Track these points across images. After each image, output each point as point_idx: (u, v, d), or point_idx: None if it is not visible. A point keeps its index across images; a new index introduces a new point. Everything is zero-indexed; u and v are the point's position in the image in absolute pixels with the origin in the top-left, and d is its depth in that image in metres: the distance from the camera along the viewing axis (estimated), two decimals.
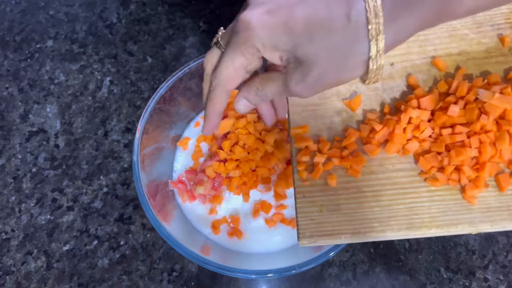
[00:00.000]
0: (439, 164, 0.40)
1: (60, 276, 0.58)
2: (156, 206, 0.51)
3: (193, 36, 0.75)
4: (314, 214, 0.41)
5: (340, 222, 0.40)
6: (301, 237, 0.40)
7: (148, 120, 0.54)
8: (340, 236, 0.40)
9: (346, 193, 0.41)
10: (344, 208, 0.41)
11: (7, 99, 0.70)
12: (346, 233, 0.40)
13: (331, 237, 0.40)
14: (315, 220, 0.41)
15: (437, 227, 0.39)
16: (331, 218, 0.40)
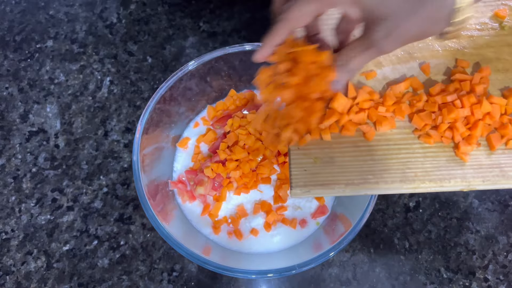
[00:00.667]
0: (433, 123, 0.42)
1: (60, 276, 0.58)
2: (156, 206, 0.51)
3: (193, 36, 0.75)
4: (308, 165, 0.42)
5: (333, 173, 0.41)
6: (293, 186, 0.41)
7: (148, 120, 0.54)
8: (334, 187, 0.41)
9: (340, 147, 0.43)
10: (338, 161, 0.42)
11: (7, 99, 0.70)
12: (340, 184, 0.41)
13: (324, 187, 0.41)
14: (309, 171, 0.42)
15: (430, 181, 0.41)
16: (325, 169, 0.42)
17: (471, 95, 0.42)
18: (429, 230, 0.60)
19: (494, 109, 0.42)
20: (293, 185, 0.41)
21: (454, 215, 0.61)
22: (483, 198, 0.62)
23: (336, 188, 0.41)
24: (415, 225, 0.61)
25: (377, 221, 0.61)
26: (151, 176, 0.54)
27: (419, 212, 0.62)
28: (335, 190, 0.41)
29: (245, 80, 0.64)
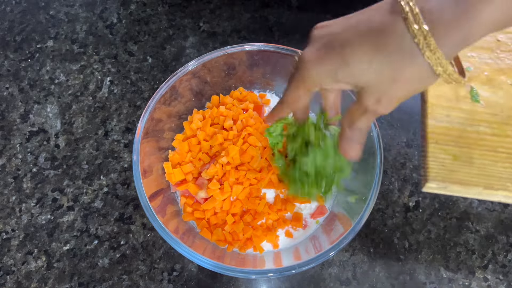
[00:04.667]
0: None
1: (61, 275, 0.58)
2: (156, 206, 0.51)
3: (193, 36, 0.75)
4: (447, 161, 0.43)
5: (472, 174, 0.42)
6: (431, 179, 0.42)
7: (148, 120, 0.54)
8: (472, 187, 0.42)
9: (480, 149, 0.43)
10: (477, 163, 0.43)
11: (7, 99, 0.70)
12: (479, 186, 0.42)
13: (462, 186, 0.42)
14: (447, 167, 0.43)
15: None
16: (463, 168, 0.43)
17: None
18: (428, 229, 0.61)
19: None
20: (430, 178, 0.42)
21: (453, 215, 0.62)
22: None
23: (474, 189, 0.42)
24: (414, 225, 0.61)
25: (376, 221, 0.61)
26: (151, 176, 0.54)
27: (419, 211, 0.62)
28: (473, 191, 0.42)
29: (245, 80, 0.64)
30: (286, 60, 0.59)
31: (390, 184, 0.63)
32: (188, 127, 0.59)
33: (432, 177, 0.43)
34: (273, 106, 0.60)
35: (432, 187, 0.43)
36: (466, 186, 0.42)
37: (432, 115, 0.46)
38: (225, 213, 0.55)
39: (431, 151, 0.44)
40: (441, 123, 0.46)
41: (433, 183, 0.42)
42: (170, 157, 0.57)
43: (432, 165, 0.43)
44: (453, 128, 0.45)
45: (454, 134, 0.45)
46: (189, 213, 0.56)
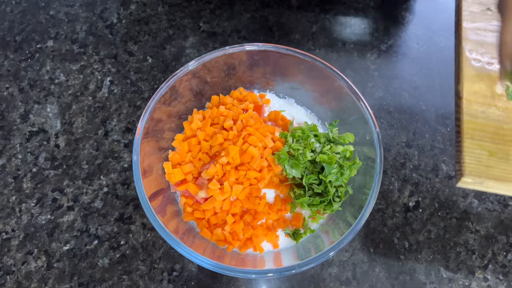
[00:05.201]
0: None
1: (61, 275, 0.58)
2: (156, 206, 0.51)
3: (193, 36, 0.75)
4: (483, 156, 0.43)
5: (508, 171, 0.42)
6: (467, 174, 0.42)
7: (149, 120, 0.54)
8: (509, 184, 0.42)
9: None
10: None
11: (7, 99, 0.70)
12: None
13: (499, 182, 0.42)
14: (483, 163, 0.43)
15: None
16: (499, 165, 0.43)
17: None
18: (428, 229, 0.61)
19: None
20: (466, 173, 0.42)
21: (453, 215, 0.62)
22: (482, 198, 0.63)
23: (510, 185, 0.42)
24: (414, 225, 0.61)
25: (376, 221, 0.61)
26: (151, 176, 0.54)
27: (419, 212, 0.62)
28: (509, 187, 0.42)
29: (245, 80, 0.64)
30: (286, 60, 0.59)
31: (390, 184, 0.63)
32: (188, 127, 0.59)
33: (468, 172, 0.42)
34: None
35: (467, 182, 0.43)
36: (502, 182, 0.42)
37: (467, 111, 0.46)
38: (225, 213, 0.55)
39: (466, 146, 0.44)
40: (477, 119, 0.46)
41: (469, 177, 0.42)
42: (170, 157, 0.57)
43: (468, 160, 0.43)
44: (489, 124, 0.45)
45: (490, 131, 0.45)
46: (189, 213, 0.56)
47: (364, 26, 0.75)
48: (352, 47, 0.74)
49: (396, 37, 0.75)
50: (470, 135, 0.45)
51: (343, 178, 0.53)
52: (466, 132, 0.45)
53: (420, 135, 0.67)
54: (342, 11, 0.76)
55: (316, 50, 0.73)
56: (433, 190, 0.63)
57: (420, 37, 0.75)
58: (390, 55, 0.73)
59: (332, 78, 0.57)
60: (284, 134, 0.57)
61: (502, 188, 0.43)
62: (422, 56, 0.73)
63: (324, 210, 0.55)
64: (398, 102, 0.69)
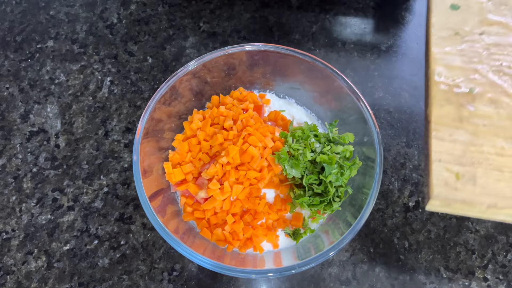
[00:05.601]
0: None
1: (61, 275, 0.58)
2: (156, 206, 0.51)
3: (193, 36, 0.75)
4: (450, 180, 0.44)
5: (476, 193, 0.43)
6: (434, 197, 0.43)
7: (149, 120, 0.54)
8: (475, 206, 0.42)
9: (483, 168, 0.44)
10: (481, 182, 0.44)
11: (7, 99, 0.70)
12: (482, 204, 0.42)
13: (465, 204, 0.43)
14: (450, 186, 0.44)
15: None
16: (466, 187, 0.44)
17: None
18: (428, 229, 0.61)
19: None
20: (433, 196, 0.43)
21: (453, 215, 0.62)
22: None
23: (477, 208, 0.42)
24: (414, 225, 0.61)
25: (376, 221, 0.61)
26: (151, 176, 0.54)
27: (419, 211, 0.62)
28: (476, 209, 0.43)
29: (245, 80, 0.64)
30: (286, 60, 0.59)
31: (390, 184, 0.63)
32: (188, 127, 0.59)
33: (436, 195, 0.43)
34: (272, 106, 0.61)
35: (435, 204, 0.44)
36: (469, 204, 0.43)
37: (435, 135, 0.47)
38: (225, 213, 0.55)
39: (434, 168, 0.45)
40: (444, 142, 0.47)
41: (436, 201, 0.43)
42: (170, 157, 0.57)
43: (436, 182, 0.44)
44: (456, 147, 0.46)
45: (457, 154, 0.46)
46: (189, 213, 0.56)
47: (364, 26, 0.75)
48: (352, 47, 0.74)
49: (396, 37, 0.75)
50: (437, 158, 0.46)
51: (343, 178, 0.53)
52: (434, 155, 0.46)
53: (420, 135, 0.67)
54: (342, 11, 0.76)
55: (316, 50, 0.73)
56: None
57: (420, 37, 0.75)
58: (390, 55, 0.73)
59: (332, 78, 0.57)
60: (284, 134, 0.57)
61: (470, 210, 0.43)
62: (422, 56, 0.73)
63: (324, 210, 0.55)
64: (398, 102, 0.69)
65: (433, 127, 0.47)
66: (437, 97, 0.49)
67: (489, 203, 0.43)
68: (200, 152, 0.57)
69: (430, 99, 0.49)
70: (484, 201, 0.43)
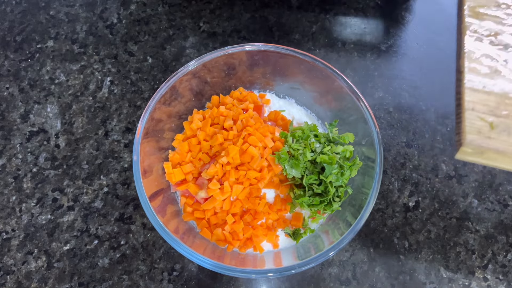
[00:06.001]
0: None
1: (61, 275, 0.58)
2: (156, 206, 0.51)
3: (193, 36, 0.75)
4: (484, 128, 0.42)
5: (510, 143, 0.41)
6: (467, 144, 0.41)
7: (149, 120, 0.54)
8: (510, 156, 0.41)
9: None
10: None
11: (7, 99, 0.70)
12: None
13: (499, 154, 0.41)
14: (484, 134, 0.42)
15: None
16: (501, 136, 0.42)
17: None
18: (428, 229, 0.61)
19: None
20: (466, 142, 0.41)
21: (453, 215, 0.62)
22: (482, 198, 0.63)
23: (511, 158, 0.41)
24: (414, 225, 0.61)
25: (376, 221, 0.61)
26: (151, 176, 0.54)
27: (419, 212, 0.62)
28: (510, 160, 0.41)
29: (245, 80, 0.64)
30: (286, 60, 0.59)
31: (390, 184, 0.63)
32: (188, 127, 0.59)
33: (468, 141, 0.41)
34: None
35: (467, 152, 0.41)
36: (503, 154, 0.41)
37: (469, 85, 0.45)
38: (225, 213, 0.55)
39: (467, 117, 0.43)
40: (479, 93, 0.45)
41: (469, 147, 0.41)
42: (170, 157, 0.58)
43: (469, 130, 0.42)
44: (490, 99, 0.44)
45: (491, 105, 0.44)
46: (189, 213, 0.56)
47: (364, 26, 0.75)
48: (352, 47, 0.74)
49: (396, 37, 0.75)
50: (471, 107, 0.44)
51: (344, 179, 0.53)
52: (467, 104, 0.44)
53: (420, 135, 0.67)
54: (342, 11, 0.76)
55: (316, 50, 0.73)
56: (433, 190, 0.63)
57: (420, 37, 0.75)
58: (390, 55, 0.73)
59: (332, 78, 0.57)
60: (284, 134, 0.57)
61: (503, 160, 0.41)
62: (422, 56, 0.73)
63: (324, 210, 0.55)
64: (398, 102, 0.69)
65: (466, 77, 0.45)
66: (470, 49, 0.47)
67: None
68: (200, 152, 0.57)
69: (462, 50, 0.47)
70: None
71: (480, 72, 0.46)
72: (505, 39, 0.48)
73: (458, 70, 0.48)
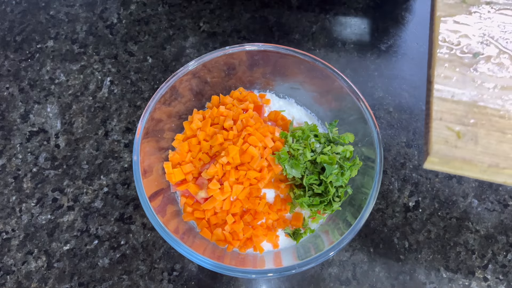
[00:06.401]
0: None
1: (61, 275, 0.58)
2: (156, 206, 0.51)
3: (193, 36, 0.75)
4: (451, 138, 0.42)
5: (477, 152, 0.41)
6: (433, 154, 0.41)
7: (149, 120, 0.54)
8: (476, 165, 0.41)
9: (485, 129, 0.43)
10: (483, 142, 0.42)
11: (7, 99, 0.70)
12: (483, 164, 0.41)
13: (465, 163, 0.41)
14: (450, 144, 0.42)
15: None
16: (467, 145, 0.42)
17: None
18: (428, 229, 0.61)
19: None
20: (432, 153, 0.41)
21: (453, 215, 0.62)
22: (482, 198, 0.63)
23: (478, 167, 0.41)
24: (414, 225, 0.61)
25: (376, 221, 0.61)
26: (151, 176, 0.54)
27: (419, 211, 0.62)
28: (476, 169, 0.41)
29: (245, 80, 0.64)
30: (286, 60, 0.59)
31: (390, 184, 0.63)
32: (188, 127, 0.59)
33: (434, 152, 0.42)
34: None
35: (434, 161, 0.42)
36: (469, 163, 0.41)
37: (438, 94, 0.45)
38: (225, 213, 0.55)
39: (435, 127, 0.43)
40: (447, 102, 0.45)
41: (435, 157, 0.41)
42: (170, 157, 0.58)
43: (435, 140, 0.42)
44: (458, 108, 0.45)
45: (459, 114, 0.44)
46: (189, 213, 0.56)
47: (364, 26, 0.75)
48: (352, 47, 0.74)
49: (396, 37, 0.75)
50: (439, 117, 0.44)
51: (344, 179, 0.53)
52: (435, 114, 0.44)
53: (420, 135, 0.67)
54: (342, 11, 0.76)
55: (316, 50, 0.73)
56: (433, 190, 0.63)
57: (420, 37, 0.75)
58: (390, 55, 0.73)
59: (332, 78, 0.57)
60: (284, 134, 0.57)
61: (470, 169, 0.42)
62: (422, 56, 0.73)
63: (324, 210, 0.55)
64: (398, 102, 0.69)
65: (435, 87, 0.45)
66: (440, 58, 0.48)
67: (490, 162, 0.41)
68: (200, 152, 0.57)
69: (433, 60, 0.48)
70: (485, 160, 0.41)
71: (449, 81, 0.46)
72: (474, 48, 0.48)
73: (428, 80, 0.48)
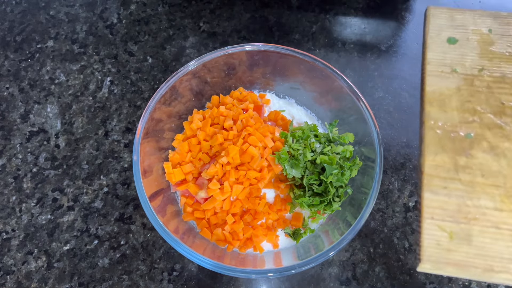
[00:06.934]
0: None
1: (61, 275, 0.58)
2: (156, 206, 0.51)
3: (193, 36, 0.75)
4: (443, 239, 0.40)
5: (470, 254, 0.39)
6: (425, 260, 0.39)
7: (149, 120, 0.54)
8: (470, 269, 0.39)
9: (480, 225, 0.41)
10: (476, 241, 0.40)
11: (7, 99, 0.70)
12: (477, 268, 0.39)
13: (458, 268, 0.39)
14: (443, 246, 0.40)
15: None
16: (460, 247, 0.40)
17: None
18: None
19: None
20: (424, 259, 0.40)
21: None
22: None
23: (472, 271, 0.39)
24: (414, 225, 0.61)
25: (376, 221, 0.61)
26: (151, 176, 0.54)
27: (419, 212, 0.62)
28: (471, 273, 0.39)
29: (245, 80, 0.64)
30: (286, 60, 0.59)
31: (390, 184, 0.63)
32: (188, 127, 0.59)
33: (426, 258, 0.40)
34: None
35: (426, 268, 0.40)
36: (463, 268, 0.40)
37: (428, 187, 0.43)
38: (225, 213, 0.55)
39: (426, 227, 0.41)
40: (439, 196, 0.43)
41: (428, 264, 0.40)
42: (170, 157, 0.58)
43: (427, 244, 0.41)
44: (450, 201, 0.43)
45: (451, 209, 0.42)
46: (189, 213, 0.56)
47: (364, 26, 0.75)
48: (352, 47, 0.74)
49: (396, 37, 0.75)
50: (430, 215, 0.42)
51: (344, 179, 0.53)
52: (426, 212, 0.42)
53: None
54: (342, 11, 0.76)
55: (316, 50, 0.73)
56: None
57: (420, 37, 0.75)
58: (390, 55, 0.73)
59: (332, 78, 0.57)
60: (284, 134, 0.57)
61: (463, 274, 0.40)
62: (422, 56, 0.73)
63: (324, 210, 0.55)
64: (398, 102, 0.69)
65: (425, 178, 0.43)
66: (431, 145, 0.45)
67: (485, 266, 0.39)
68: (200, 152, 0.57)
69: (424, 146, 0.46)
70: (480, 264, 0.40)
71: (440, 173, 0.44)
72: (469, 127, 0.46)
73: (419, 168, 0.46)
